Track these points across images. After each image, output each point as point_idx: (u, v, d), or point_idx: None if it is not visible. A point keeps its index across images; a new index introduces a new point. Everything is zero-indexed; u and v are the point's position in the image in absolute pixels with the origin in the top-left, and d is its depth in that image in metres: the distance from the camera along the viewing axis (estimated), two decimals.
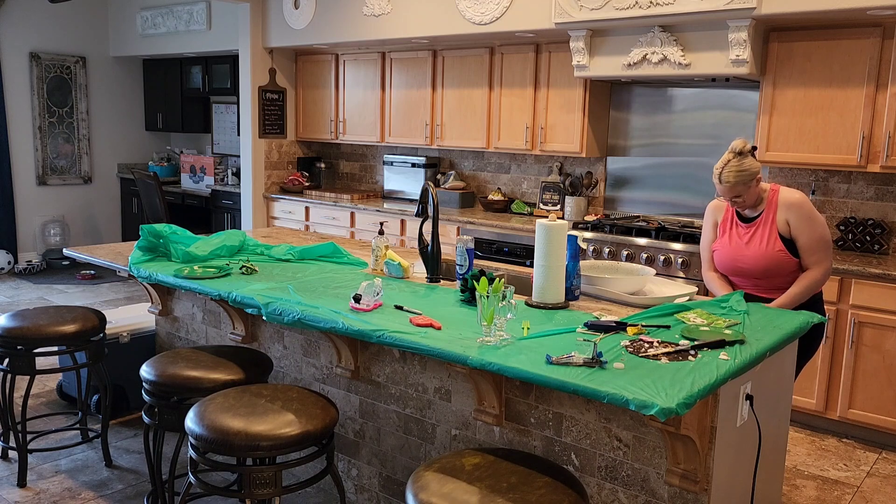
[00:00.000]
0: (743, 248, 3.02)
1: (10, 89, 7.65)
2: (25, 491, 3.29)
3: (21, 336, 3.25)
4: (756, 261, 2.98)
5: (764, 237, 2.97)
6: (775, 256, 2.95)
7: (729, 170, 2.88)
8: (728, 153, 2.91)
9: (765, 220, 2.98)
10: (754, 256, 2.98)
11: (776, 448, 2.68)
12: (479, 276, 2.52)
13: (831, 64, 4.07)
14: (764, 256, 2.97)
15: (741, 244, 3.02)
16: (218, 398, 2.39)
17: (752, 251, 2.99)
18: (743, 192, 2.90)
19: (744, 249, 3.01)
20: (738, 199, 2.93)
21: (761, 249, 2.97)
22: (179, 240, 3.44)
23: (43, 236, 7.96)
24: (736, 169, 2.87)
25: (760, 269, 2.98)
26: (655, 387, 1.88)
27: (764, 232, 2.98)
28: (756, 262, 2.98)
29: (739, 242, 3.03)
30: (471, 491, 1.90)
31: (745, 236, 3.02)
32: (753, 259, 2.98)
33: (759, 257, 2.97)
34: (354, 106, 6.45)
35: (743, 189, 2.89)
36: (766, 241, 2.97)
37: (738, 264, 3.04)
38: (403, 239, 5.78)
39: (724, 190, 2.91)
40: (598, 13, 4.42)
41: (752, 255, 2.99)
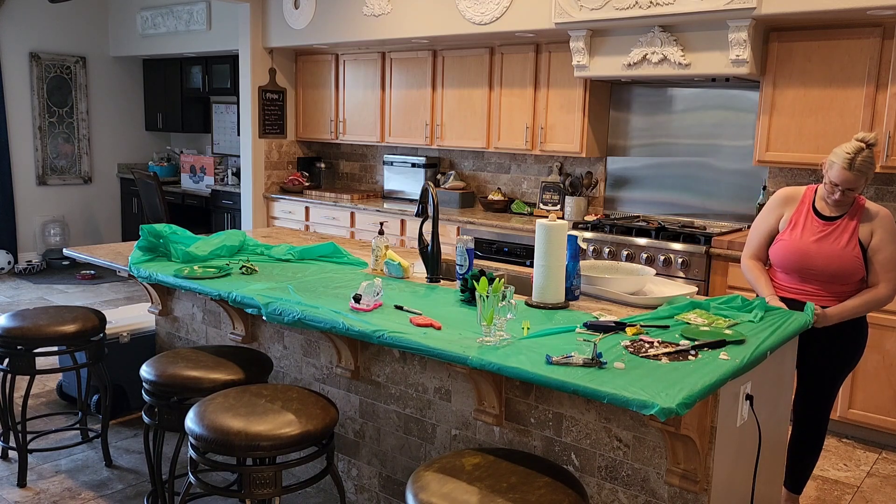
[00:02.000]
0: (816, 244, 2.88)
1: (10, 89, 7.65)
2: (25, 491, 3.29)
3: (21, 336, 3.25)
4: (829, 260, 2.85)
5: (843, 238, 2.85)
6: (850, 260, 2.83)
7: (864, 158, 2.74)
8: (858, 142, 2.77)
9: (847, 223, 2.87)
10: (828, 255, 2.85)
11: (776, 448, 2.68)
12: (479, 276, 2.52)
13: (831, 64, 4.08)
14: (839, 257, 2.84)
15: (814, 240, 2.89)
16: (218, 398, 2.39)
17: (828, 249, 2.86)
18: (861, 187, 2.79)
19: (817, 246, 2.88)
20: (851, 193, 2.80)
21: (837, 249, 2.85)
22: (179, 240, 3.44)
23: (43, 236, 7.96)
24: (870, 160, 2.75)
25: (830, 271, 2.85)
26: (655, 387, 1.88)
27: (844, 234, 2.86)
28: (828, 262, 2.85)
29: (812, 238, 2.89)
30: (471, 491, 1.90)
31: (820, 233, 2.89)
32: (826, 258, 2.85)
33: (833, 256, 2.85)
34: (354, 106, 6.45)
35: (863, 183, 2.78)
36: (846, 243, 2.84)
37: (807, 260, 2.90)
38: (403, 239, 5.78)
39: (848, 178, 2.76)
40: (598, 13, 4.42)
41: (826, 252, 2.85)
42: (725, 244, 4.24)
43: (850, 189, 2.78)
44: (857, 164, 2.74)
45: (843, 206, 2.87)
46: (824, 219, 2.90)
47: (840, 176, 2.77)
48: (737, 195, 4.82)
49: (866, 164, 2.75)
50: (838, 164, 2.77)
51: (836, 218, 2.89)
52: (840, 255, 2.84)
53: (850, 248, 2.84)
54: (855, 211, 2.88)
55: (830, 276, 2.87)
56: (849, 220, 2.87)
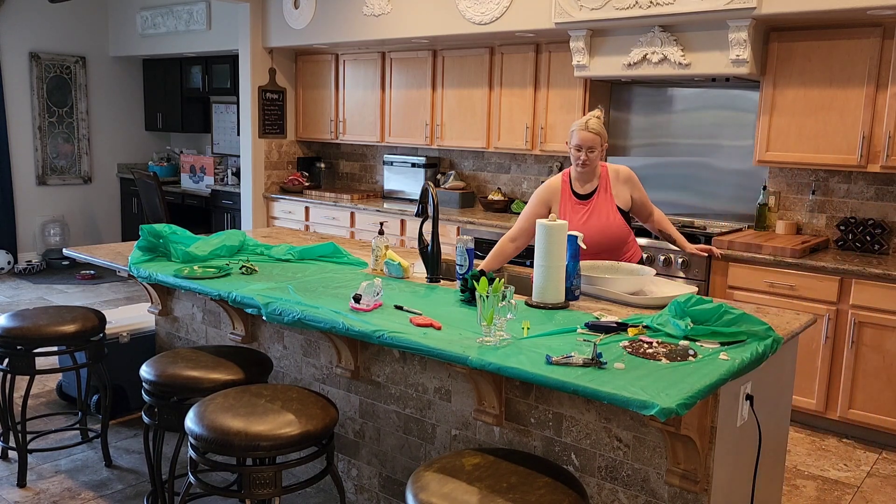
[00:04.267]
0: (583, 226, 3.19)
1: (10, 89, 7.65)
2: (25, 491, 3.29)
3: (21, 336, 3.25)
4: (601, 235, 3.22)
5: (603, 211, 3.25)
6: (617, 227, 3.26)
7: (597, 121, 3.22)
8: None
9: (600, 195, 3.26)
10: (601, 230, 3.22)
11: (776, 448, 2.68)
12: (479, 276, 2.51)
13: (831, 64, 4.07)
14: (608, 229, 3.24)
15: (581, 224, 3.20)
16: (218, 398, 2.39)
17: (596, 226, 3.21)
18: (598, 148, 3.21)
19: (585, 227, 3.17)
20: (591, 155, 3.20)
21: (603, 224, 3.23)
22: (179, 240, 3.44)
23: (43, 236, 7.96)
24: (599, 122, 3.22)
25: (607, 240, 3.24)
26: (655, 387, 1.88)
27: (602, 205, 3.25)
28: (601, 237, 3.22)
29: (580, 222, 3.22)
30: (471, 491, 1.90)
31: (582, 215, 3.24)
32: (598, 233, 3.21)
33: (604, 230, 3.23)
34: (354, 106, 6.45)
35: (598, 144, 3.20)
36: (605, 214, 3.24)
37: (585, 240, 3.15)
38: (403, 239, 5.78)
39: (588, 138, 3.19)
40: (598, 13, 4.41)
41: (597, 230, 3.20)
42: (725, 244, 4.24)
43: (591, 150, 3.19)
44: (593, 125, 3.19)
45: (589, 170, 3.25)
46: (581, 198, 3.28)
47: (581, 137, 3.19)
48: (737, 195, 4.82)
49: (600, 125, 3.22)
50: (576, 129, 3.22)
51: (591, 195, 3.28)
52: (608, 227, 3.24)
53: (611, 216, 3.25)
54: (604, 181, 3.29)
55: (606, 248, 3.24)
56: (602, 190, 3.28)
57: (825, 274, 3.96)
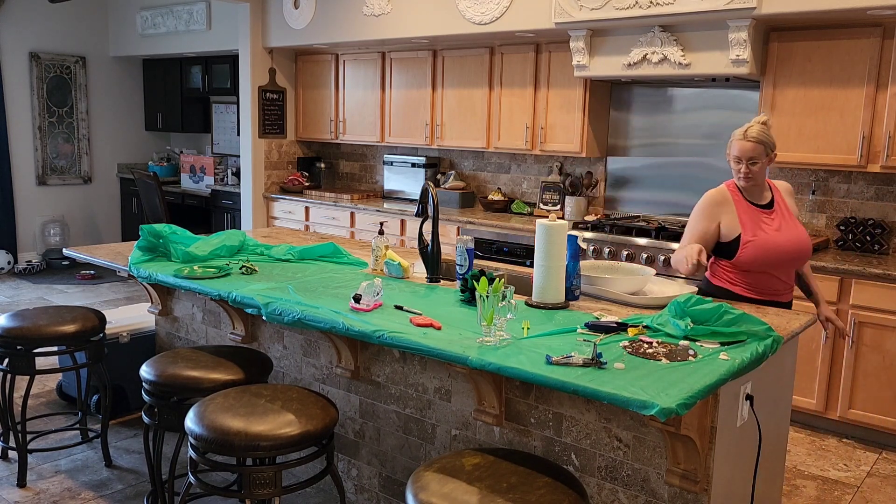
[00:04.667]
0: (779, 233, 2.88)
1: (10, 89, 7.65)
2: (25, 491, 3.29)
3: (21, 336, 3.24)
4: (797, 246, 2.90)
5: (791, 222, 2.93)
6: (808, 242, 2.94)
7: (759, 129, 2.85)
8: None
9: (781, 205, 2.95)
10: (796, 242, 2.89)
11: (776, 448, 2.68)
12: (479, 276, 2.51)
13: (831, 64, 4.07)
14: (804, 241, 2.92)
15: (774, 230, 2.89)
16: (218, 398, 2.39)
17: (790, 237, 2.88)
18: (761, 158, 2.84)
19: (778, 237, 2.88)
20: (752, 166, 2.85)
21: (797, 235, 2.91)
22: (179, 240, 3.44)
23: (43, 236, 7.96)
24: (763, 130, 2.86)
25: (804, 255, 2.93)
26: (655, 387, 1.88)
27: (788, 217, 2.94)
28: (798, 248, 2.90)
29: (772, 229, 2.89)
30: (471, 491, 1.90)
31: (775, 222, 2.90)
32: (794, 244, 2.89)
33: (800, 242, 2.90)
34: (354, 106, 6.45)
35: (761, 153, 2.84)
36: (796, 226, 2.93)
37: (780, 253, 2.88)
38: (403, 239, 5.78)
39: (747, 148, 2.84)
40: (598, 13, 4.41)
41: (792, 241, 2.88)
42: None
43: (752, 161, 2.83)
44: (752, 133, 2.83)
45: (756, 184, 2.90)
46: (762, 207, 2.93)
47: (740, 147, 2.85)
48: None
49: (762, 133, 2.83)
50: (735, 137, 2.88)
51: (771, 204, 2.94)
52: (803, 239, 2.92)
53: (801, 228, 2.95)
54: (777, 192, 2.98)
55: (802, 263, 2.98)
56: (780, 200, 2.96)
57: (825, 274, 3.95)
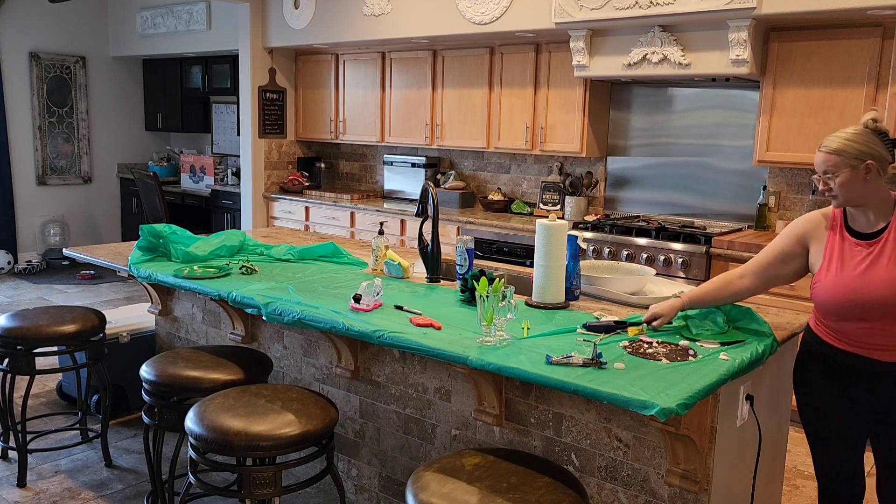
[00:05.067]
0: (863, 275, 2.19)
1: (10, 89, 7.65)
2: (25, 491, 3.29)
3: (21, 336, 3.25)
4: (885, 290, 2.16)
5: (891, 259, 2.17)
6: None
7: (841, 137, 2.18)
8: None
9: (888, 236, 2.20)
10: (883, 285, 2.16)
11: (776, 448, 2.68)
12: (479, 276, 2.51)
13: (831, 64, 4.07)
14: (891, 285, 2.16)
15: (861, 271, 2.20)
16: (218, 398, 2.39)
17: (877, 278, 2.17)
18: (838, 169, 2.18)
19: (865, 277, 2.19)
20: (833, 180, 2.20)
21: (890, 276, 2.16)
22: (179, 240, 3.44)
23: (43, 236, 7.96)
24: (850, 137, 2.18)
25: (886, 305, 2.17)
26: (655, 387, 1.88)
27: (891, 251, 2.18)
28: (885, 293, 2.16)
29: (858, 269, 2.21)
30: (471, 491, 1.90)
31: (865, 259, 2.21)
32: (879, 288, 2.17)
33: (888, 286, 2.16)
34: (354, 106, 6.45)
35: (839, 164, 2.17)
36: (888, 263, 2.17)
37: (859, 299, 2.20)
38: (403, 239, 5.78)
39: (819, 160, 2.22)
40: (598, 13, 4.41)
41: (878, 283, 2.17)
42: (726, 244, 4.24)
43: (826, 173, 2.21)
44: (828, 142, 2.21)
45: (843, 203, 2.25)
46: (863, 237, 2.24)
47: (815, 160, 2.26)
48: (737, 195, 4.82)
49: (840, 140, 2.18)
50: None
51: (879, 233, 2.22)
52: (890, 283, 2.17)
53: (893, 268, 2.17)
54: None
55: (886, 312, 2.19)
56: (891, 232, 2.20)
57: None
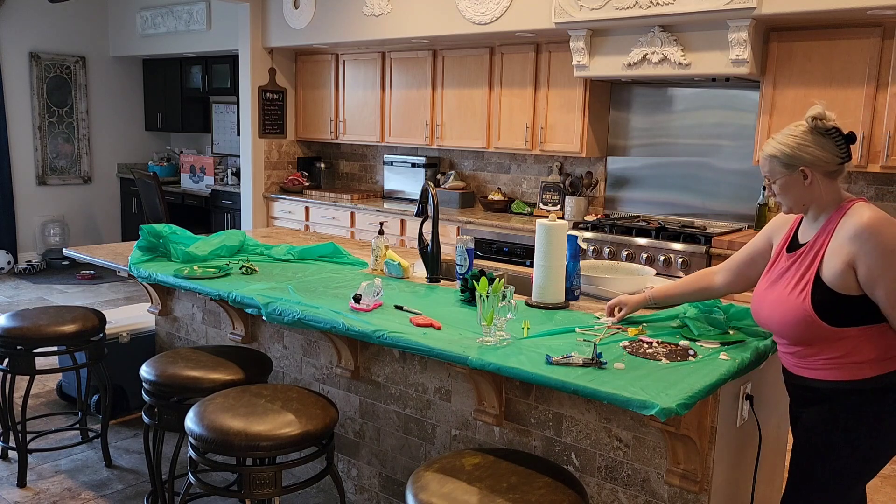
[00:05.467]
0: (769, 288, 2.07)
1: (10, 89, 7.65)
2: (25, 491, 3.29)
3: (21, 336, 3.24)
4: (773, 313, 2.02)
5: (794, 279, 1.98)
6: (793, 311, 1.95)
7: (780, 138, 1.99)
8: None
9: (809, 250, 1.98)
10: (773, 306, 2.02)
11: (776, 448, 2.68)
12: (479, 276, 2.51)
13: (831, 64, 4.07)
14: (782, 308, 1.98)
15: (769, 283, 2.07)
16: (218, 398, 2.39)
17: (773, 298, 2.03)
18: (777, 177, 1.99)
19: (767, 292, 2.07)
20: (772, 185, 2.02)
21: (781, 297, 1.99)
22: (179, 240, 3.44)
23: (43, 236, 7.96)
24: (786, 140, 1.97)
25: (779, 330, 2.02)
26: (655, 387, 1.88)
27: (800, 269, 1.98)
28: (772, 316, 2.03)
29: (770, 280, 2.08)
30: (471, 491, 1.90)
31: (781, 270, 2.05)
32: (771, 310, 2.03)
33: (777, 309, 2.00)
34: (354, 106, 6.45)
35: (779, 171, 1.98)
36: (795, 283, 1.97)
37: (760, 316, 2.11)
38: (403, 239, 5.78)
39: (761, 166, 2.04)
40: (598, 13, 4.41)
41: (770, 303, 2.03)
42: (726, 244, 4.24)
43: (767, 178, 2.02)
44: (766, 145, 2.02)
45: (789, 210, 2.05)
46: (793, 248, 2.06)
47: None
48: (737, 195, 4.82)
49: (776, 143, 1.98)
50: None
51: (802, 245, 2.03)
52: (782, 305, 1.98)
53: (796, 293, 1.95)
54: (828, 227, 1.97)
55: (786, 337, 2.02)
56: (813, 246, 1.98)
57: None
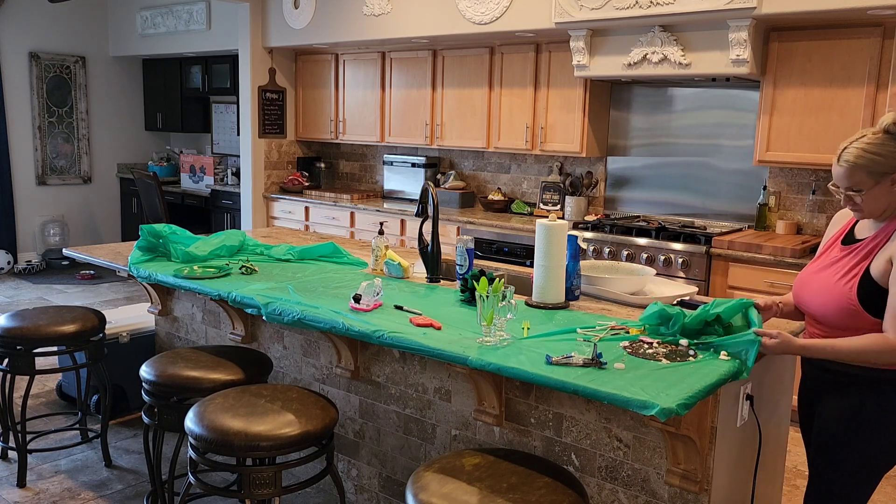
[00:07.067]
0: (817, 274, 2.17)
1: (9, 89, 7.65)
2: (25, 491, 3.28)
3: (21, 336, 3.24)
4: (816, 295, 2.14)
5: (846, 267, 2.09)
6: (838, 299, 2.07)
7: (859, 146, 2.03)
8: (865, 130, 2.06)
9: (865, 246, 2.09)
10: (818, 289, 2.14)
11: (776, 448, 2.68)
12: (479, 276, 2.51)
13: (831, 64, 4.07)
14: (827, 293, 2.10)
15: (818, 269, 2.18)
16: (218, 398, 2.39)
17: (821, 281, 2.14)
18: (864, 185, 2.03)
19: (815, 277, 2.18)
20: (858, 195, 2.05)
21: (829, 283, 2.10)
22: (179, 240, 3.44)
23: (43, 236, 7.96)
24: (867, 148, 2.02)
25: (818, 311, 2.15)
26: (655, 387, 1.88)
27: (853, 260, 2.09)
28: (814, 298, 2.15)
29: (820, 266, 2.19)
30: (471, 491, 1.89)
31: (833, 260, 2.16)
32: (815, 292, 2.15)
33: (821, 291, 2.12)
34: (354, 106, 6.44)
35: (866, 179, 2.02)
36: (844, 274, 2.08)
37: (801, 296, 2.23)
38: (403, 239, 5.78)
39: (838, 175, 2.07)
40: (598, 13, 4.41)
41: (817, 286, 2.15)
42: (726, 244, 4.24)
43: (850, 189, 2.06)
44: (846, 154, 2.05)
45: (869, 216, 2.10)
46: (849, 242, 2.16)
47: (833, 172, 2.12)
48: (737, 195, 4.82)
49: (861, 152, 2.02)
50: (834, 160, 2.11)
51: (860, 241, 2.13)
52: (828, 291, 2.10)
53: (844, 281, 2.07)
54: (889, 229, 2.07)
55: (823, 320, 2.15)
56: (870, 242, 2.09)
57: None
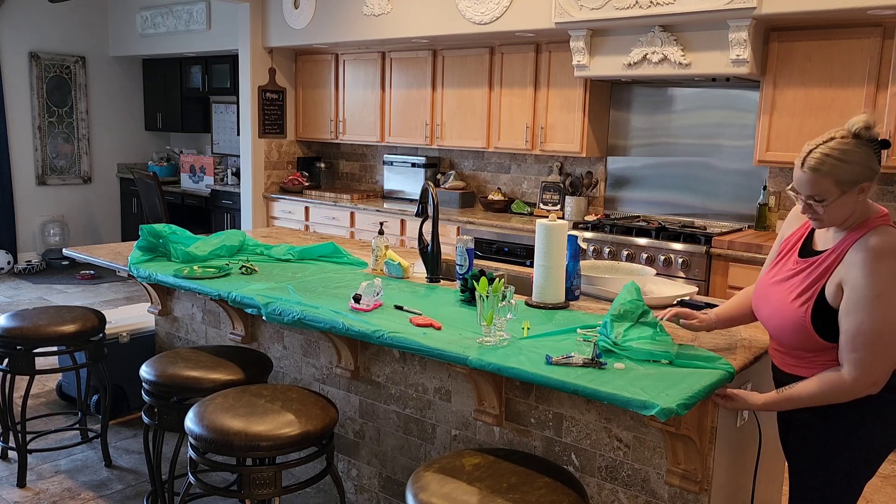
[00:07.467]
0: (774, 286, 2.04)
1: (9, 89, 7.65)
2: (25, 491, 3.28)
3: (21, 336, 3.24)
4: (772, 314, 2.03)
5: (801, 287, 1.95)
6: (791, 320, 1.95)
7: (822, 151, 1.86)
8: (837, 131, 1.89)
9: (823, 261, 1.94)
10: (773, 310, 2.01)
11: (776, 448, 2.67)
12: (479, 276, 2.51)
13: (831, 64, 4.07)
14: (780, 312, 1.98)
15: (776, 280, 2.04)
16: (218, 398, 2.39)
17: (777, 297, 2.01)
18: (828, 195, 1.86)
19: (772, 290, 2.04)
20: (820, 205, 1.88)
21: (784, 303, 1.97)
22: (179, 240, 3.44)
23: (42, 236, 7.96)
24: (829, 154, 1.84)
25: (776, 333, 2.04)
26: (655, 387, 1.88)
27: (809, 277, 1.94)
28: (771, 319, 2.03)
29: (777, 277, 2.05)
30: (471, 491, 1.89)
31: (790, 272, 2.01)
32: (771, 310, 2.03)
33: (776, 314, 2.00)
34: (354, 106, 6.44)
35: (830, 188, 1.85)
36: (799, 293, 1.94)
37: (758, 310, 2.11)
38: (403, 239, 5.78)
39: (800, 180, 1.90)
40: (598, 13, 4.41)
41: (773, 302, 2.02)
42: (726, 244, 4.24)
43: (813, 198, 1.88)
44: (811, 159, 1.86)
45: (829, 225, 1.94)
46: (807, 254, 2.00)
47: (795, 176, 1.92)
48: (737, 195, 4.82)
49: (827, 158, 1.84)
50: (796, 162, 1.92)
51: (819, 253, 1.97)
52: (783, 311, 1.97)
53: (799, 303, 1.93)
54: (844, 244, 1.90)
55: (779, 340, 2.04)
56: (828, 258, 1.93)
57: None
